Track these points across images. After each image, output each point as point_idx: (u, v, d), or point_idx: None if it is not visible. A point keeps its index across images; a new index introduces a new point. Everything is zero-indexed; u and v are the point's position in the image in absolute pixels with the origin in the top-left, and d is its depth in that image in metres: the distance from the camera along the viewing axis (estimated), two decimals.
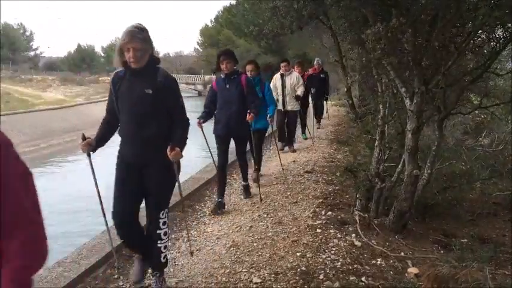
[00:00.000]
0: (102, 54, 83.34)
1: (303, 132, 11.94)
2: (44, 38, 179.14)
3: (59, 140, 22.24)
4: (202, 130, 6.00)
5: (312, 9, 4.89)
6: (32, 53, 74.40)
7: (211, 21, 56.80)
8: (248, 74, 7.00)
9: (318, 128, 13.61)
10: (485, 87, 5.72)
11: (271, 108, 7.48)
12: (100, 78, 51.51)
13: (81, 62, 73.23)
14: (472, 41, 4.73)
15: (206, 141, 6.19)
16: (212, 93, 6.22)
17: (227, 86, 6.01)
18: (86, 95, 36.68)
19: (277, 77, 9.96)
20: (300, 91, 9.86)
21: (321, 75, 12.99)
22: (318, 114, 14.02)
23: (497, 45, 4.65)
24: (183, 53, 78.99)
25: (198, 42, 63.80)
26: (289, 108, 9.90)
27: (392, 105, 5.93)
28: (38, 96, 33.43)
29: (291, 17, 5.13)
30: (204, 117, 6.04)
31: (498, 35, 4.63)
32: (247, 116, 5.82)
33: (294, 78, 9.86)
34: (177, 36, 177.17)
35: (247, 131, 6.34)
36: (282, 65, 9.96)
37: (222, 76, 6.06)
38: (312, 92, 12.41)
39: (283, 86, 9.82)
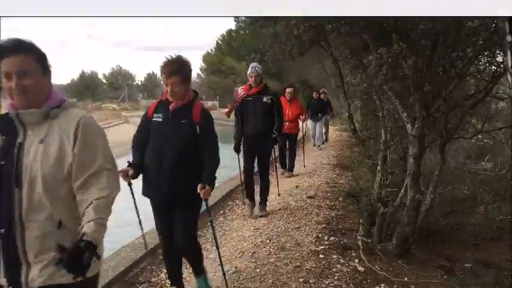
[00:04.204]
0: (105, 82, 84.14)
1: None
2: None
3: None
4: None
5: (313, 36, 4.93)
6: None
7: (211, 50, 57.32)
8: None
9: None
10: (487, 112, 5.76)
11: None
12: (103, 105, 51.67)
13: (85, 90, 73.86)
14: (472, 66, 4.76)
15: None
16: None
17: None
18: None
19: None
20: None
21: (264, 99, 6.43)
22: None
23: (498, 69, 4.68)
24: None
25: (200, 69, 64.01)
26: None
27: (394, 130, 5.94)
28: None
29: (292, 44, 5.18)
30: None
31: (498, 59, 4.67)
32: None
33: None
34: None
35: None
36: None
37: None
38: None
39: None
